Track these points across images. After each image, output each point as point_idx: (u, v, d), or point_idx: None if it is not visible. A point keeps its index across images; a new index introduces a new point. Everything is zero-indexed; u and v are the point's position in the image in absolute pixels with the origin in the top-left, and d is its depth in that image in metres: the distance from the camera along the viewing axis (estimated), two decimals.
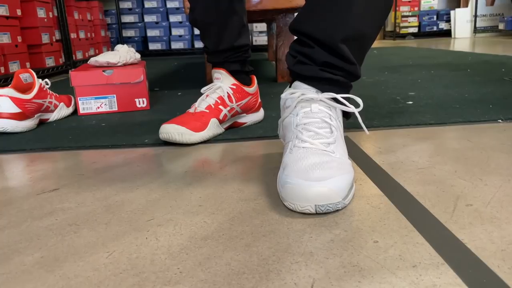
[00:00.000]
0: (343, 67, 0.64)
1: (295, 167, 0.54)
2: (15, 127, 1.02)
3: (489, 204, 0.53)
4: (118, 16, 3.97)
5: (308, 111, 0.62)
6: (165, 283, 0.39)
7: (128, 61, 1.34)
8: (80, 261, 0.44)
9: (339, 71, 0.64)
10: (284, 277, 0.39)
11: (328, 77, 0.64)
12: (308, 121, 0.61)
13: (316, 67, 0.64)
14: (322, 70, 0.64)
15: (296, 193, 0.51)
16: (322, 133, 0.60)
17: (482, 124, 0.91)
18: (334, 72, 0.64)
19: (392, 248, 0.43)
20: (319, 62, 0.64)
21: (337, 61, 0.63)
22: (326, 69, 0.64)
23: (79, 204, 0.59)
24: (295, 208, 0.52)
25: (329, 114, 0.62)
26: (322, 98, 0.62)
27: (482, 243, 0.44)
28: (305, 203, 0.51)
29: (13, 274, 0.42)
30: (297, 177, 0.52)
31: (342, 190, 0.52)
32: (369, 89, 1.43)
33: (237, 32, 0.94)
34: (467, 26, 4.83)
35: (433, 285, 0.37)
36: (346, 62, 0.64)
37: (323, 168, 0.53)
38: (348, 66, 0.64)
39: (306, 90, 0.64)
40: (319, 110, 0.62)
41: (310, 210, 0.51)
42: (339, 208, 0.52)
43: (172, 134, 0.84)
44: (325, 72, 0.64)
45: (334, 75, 0.64)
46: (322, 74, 0.64)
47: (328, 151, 0.57)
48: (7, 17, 2.10)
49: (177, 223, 0.52)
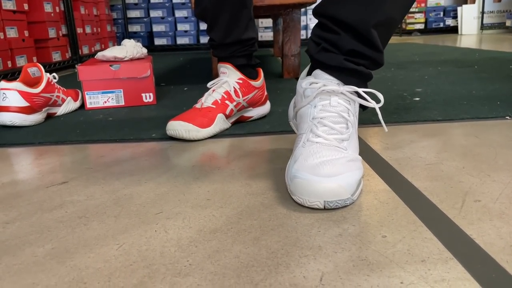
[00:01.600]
0: (370, 55, 0.62)
1: (306, 162, 0.54)
2: (23, 120, 1.03)
3: (498, 200, 0.53)
4: (124, 11, 3.97)
5: (326, 104, 0.60)
6: (175, 275, 0.40)
7: (135, 56, 1.34)
8: (91, 252, 0.44)
9: (364, 60, 0.62)
10: (293, 270, 0.40)
11: (352, 68, 0.61)
12: (325, 115, 0.60)
13: (341, 56, 0.61)
14: (346, 60, 0.61)
15: (305, 188, 0.51)
16: (338, 128, 0.59)
17: (490, 120, 0.90)
18: (359, 61, 0.62)
19: (400, 243, 0.44)
20: (345, 50, 0.61)
21: (364, 49, 0.61)
22: (351, 58, 0.61)
23: (88, 197, 0.60)
24: (304, 203, 0.52)
25: (347, 108, 0.61)
26: (343, 91, 0.60)
27: (490, 238, 0.44)
28: (314, 199, 0.51)
29: (25, 265, 0.43)
30: (307, 172, 0.52)
31: (351, 186, 0.52)
32: (376, 85, 1.42)
33: (244, 25, 0.93)
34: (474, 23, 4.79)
35: (442, 280, 0.37)
36: (374, 50, 0.62)
37: (333, 165, 0.53)
38: (375, 54, 0.62)
39: (327, 81, 0.61)
40: (338, 104, 0.60)
41: (318, 205, 0.51)
42: (347, 204, 0.52)
43: (179, 131, 0.84)
44: (349, 63, 0.61)
45: (358, 66, 0.62)
46: (346, 65, 0.61)
47: (340, 147, 0.57)
48: (14, 12, 2.11)
49: (185, 216, 0.52)
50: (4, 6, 2.02)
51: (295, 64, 1.71)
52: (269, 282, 0.38)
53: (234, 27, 0.93)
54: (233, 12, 0.92)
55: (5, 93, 1.02)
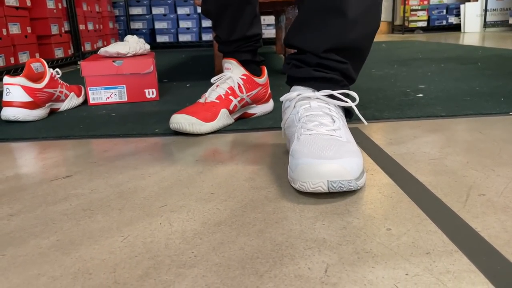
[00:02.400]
0: (335, 66, 0.67)
1: (306, 150, 0.55)
2: (26, 115, 1.03)
3: (502, 194, 0.52)
4: (126, 8, 3.97)
5: (308, 107, 0.64)
6: (180, 266, 0.40)
7: (138, 52, 1.34)
8: (96, 244, 0.45)
9: (332, 70, 0.67)
10: (297, 262, 0.40)
11: (322, 76, 0.67)
12: (310, 113, 0.63)
13: (310, 68, 0.68)
14: (315, 70, 0.67)
15: (307, 171, 0.51)
16: (326, 122, 0.61)
17: (494, 116, 0.90)
18: (327, 71, 0.67)
19: (405, 236, 0.44)
20: (312, 64, 0.68)
21: (329, 62, 0.67)
22: (319, 69, 0.67)
23: (92, 191, 0.60)
24: (307, 187, 0.52)
25: (328, 108, 0.63)
26: (319, 95, 0.64)
27: (495, 231, 0.44)
28: (316, 180, 0.51)
29: (30, 256, 0.43)
30: (309, 157, 0.53)
31: (354, 170, 0.52)
32: (379, 82, 1.42)
33: (249, 21, 0.94)
34: (477, 21, 4.78)
35: (447, 271, 0.37)
36: (338, 62, 0.67)
37: (335, 149, 0.53)
38: (340, 65, 0.67)
39: (302, 90, 0.67)
40: (318, 106, 0.64)
41: (322, 187, 0.51)
42: (351, 188, 0.51)
43: (183, 124, 0.84)
44: (318, 72, 0.67)
45: (327, 74, 0.67)
46: (315, 74, 0.67)
47: (336, 136, 0.58)
48: (17, 8, 2.11)
49: (190, 209, 0.52)
50: (7, 3, 2.02)
51: None
52: (274, 273, 0.38)
53: (239, 24, 0.93)
54: (238, 9, 0.92)
55: (8, 88, 1.02)
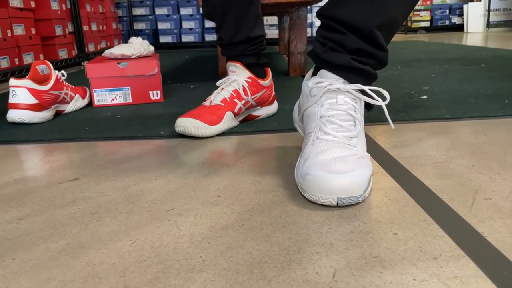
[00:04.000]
0: (376, 54, 0.63)
1: (317, 159, 0.55)
2: (32, 118, 1.04)
3: (508, 198, 0.53)
4: (129, 8, 3.98)
5: (333, 103, 0.61)
6: (189, 271, 0.40)
7: (142, 54, 1.34)
8: (105, 248, 0.45)
9: (370, 59, 0.63)
10: (305, 266, 0.40)
11: (358, 67, 0.62)
12: (333, 113, 0.60)
13: (348, 56, 0.63)
14: (353, 59, 0.62)
15: (318, 185, 0.52)
16: (346, 126, 0.60)
17: (499, 119, 0.90)
18: (365, 60, 0.63)
19: (412, 240, 0.44)
20: (351, 49, 0.63)
21: (370, 48, 0.62)
22: (357, 57, 0.63)
23: (99, 194, 0.60)
24: (316, 200, 0.52)
25: (354, 106, 0.61)
26: (349, 89, 0.61)
27: (502, 236, 0.44)
28: (327, 195, 0.51)
29: (40, 260, 0.43)
30: (319, 169, 0.53)
31: (363, 183, 0.52)
32: (383, 84, 1.42)
33: (253, 22, 0.94)
34: (480, 21, 4.77)
35: (455, 277, 0.37)
36: (379, 49, 0.63)
37: (345, 162, 0.53)
38: (380, 53, 0.63)
39: (333, 80, 0.62)
40: (345, 102, 0.61)
41: (331, 202, 0.51)
42: (359, 201, 0.52)
43: (188, 128, 0.85)
44: (356, 62, 0.62)
45: (364, 65, 0.63)
46: (353, 64, 0.62)
47: (350, 144, 0.58)
48: (21, 9, 2.12)
49: (197, 213, 0.52)
50: (12, 4, 2.03)
51: (301, 62, 1.71)
52: (282, 278, 0.38)
53: (242, 25, 0.93)
54: (241, 10, 0.92)
55: (14, 90, 1.03)
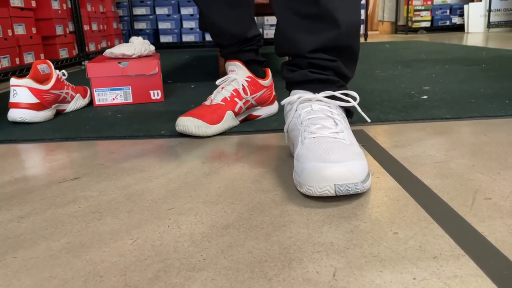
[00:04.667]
0: (326, 65, 0.67)
1: (310, 154, 0.55)
2: (33, 117, 1.04)
3: (508, 198, 0.53)
4: (130, 8, 3.98)
5: (309, 110, 0.64)
6: (190, 270, 0.40)
7: (143, 53, 1.35)
8: (106, 247, 0.45)
9: (326, 70, 0.68)
10: (306, 265, 0.40)
11: (317, 78, 0.67)
12: (312, 117, 0.63)
13: (305, 70, 0.68)
14: (310, 71, 0.68)
15: (314, 175, 0.52)
16: (329, 125, 0.61)
17: (499, 119, 0.90)
18: (322, 72, 0.68)
19: (412, 240, 0.44)
20: (305, 66, 0.68)
21: (321, 61, 0.67)
22: (314, 70, 0.68)
23: (100, 193, 0.60)
24: (314, 191, 0.52)
25: (330, 111, 0.64)
26: (319, 97, 0.65)
27: (502, 236, 0.44)
28: (323, 183, 0.51)
29: (41, 259, 0.43)
30: (314, 161, 0.53)
31: (360, 173, 0.52)
32: (383, 84, 1.42)
33: (248, 25, 0.96)
34: (481, 21, 4.76)
35: (455, 276, 0.38)
36: (328, 61, 0.67)
37: (339, 152, 0.54)
38: (331, 63, 0.67)
39: (303, 93, 0.67)
40: (320, 109, 0.64)
41: (329, 191, 0.51)
42: (358, 190, 0.52)
43: (189, 127, 0.85)
44: (314, 74, 0.67)
45: (322, 75, 0.67)
46: (311, 76, 0.67)
47: (339, 138, 0.58)
48: (22, 9, 2.12)
49: (197, 212, 0.53)
50: (12, 3, 2.03)
51: None
52: (282, 277, 0.39)
53: (238, 29, 0.94)
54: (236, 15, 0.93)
55: (15, 90, 1.03)
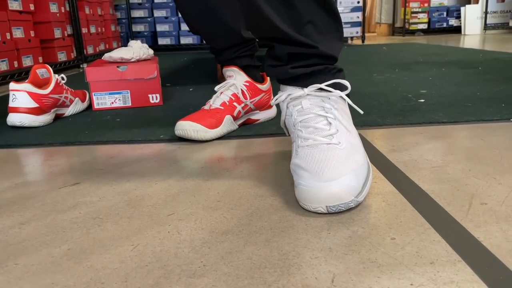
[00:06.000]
0: (308, 53, 0.63)
1: (305, 166, 0.56)
2: (32, 121, 1.04)
3: (504, 203, 0.53)
4: (128, 10, 3.98)
5: (300, 109, 0.63)
6: (190, 276, 0.41)
7: (142, 57, 1.35)
8: (106, 253, 0.46)
9: (308, 59, 0.64)
10: (304, 271, 0.41)
11: (302, 72, 0.63)
12: (304, 118, 0.61)
13: (286, 67, 0.64)
14: (292, 67, 0.64)
15: (306, 195, 0.53)
16: (321, 126, 0.59)
17: (495, 123, 0.91)
18: (304, 63, 0.64)
19: (409, 245, 0.45)
20: (285, 58, 0.65)
21: (298, 49, 0.63)
22: (295, 64, 0.64)
23: (100, 198, 0.61)
24: (308, 209, 0.53)
25: (322, 107, 0.62)
26: (308, 92, 0.62)
27: (497, 241, 0.45)
28: (316, 205, 0.52)
29: (42, 266, 0.44)
30: (308, 178, 0.54)
31: (354, 188, 0.52)
32: (380, 87, 1.43)
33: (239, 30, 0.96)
34: (478, 23, 4.79)
35: (451, 282, 0.38)
36: (309, 48, 0.63)
37: (332, 166, 0.53)
38: (312, 50, 0.63)
39: (291, 90, 0.64)
40: (310, 106, 0.62)
41: (322, 210, 0.52)
42: (351, 206, 0.52)
43: (188, 131, 0.85)
44: (296, 69, 0.64)
45: (307, 68, 0.63)
46: (293, 72, 0.64)
47: (333, 143, 0.57)
48: (20, 12, 2.12)
49: (197, 217, 0.53)
50: (11, 7, 2.04)
51: None
52: (282, 283, 0.39)
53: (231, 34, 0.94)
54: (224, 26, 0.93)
55: (14, 94, 1.04)
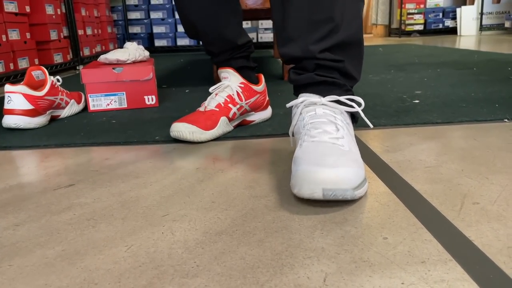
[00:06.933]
0: (333, 66, 0.68)
1: (306, 157, 0.56)
2: (28, 123, 1.04)
3: (496, 202, 0.54)
4: (125, 12, 3.98)
5: (313, 114, 0.65)
6: (183, 276, 0.41)
7: (137, 59, 1.35)
8: (100, 254, 0.46)
9: (332, 72, 0.68)
10: (297, 271, 0.41)
11: (323, 80, 0.68)
12: (315, 121, 0.64)
13: (311, 73, 0.69)
14: (317, 74, 0.68)
15: (305, 177, 0.53)
16: (329, 130, 0.62)
17: (489, 123, 0.92)
18: (328, 74, 0.68)
19: (401, 245, 0.45)
20: (312, 68, 0.69)
21: (327, 62, 0.68)
22: (320, 72, 0.68)
23: (95, 200, 0.61)
24: (303, 193, 0.53)
25: (334, 116, 0.64)
26: (325, 101, 0.65)
27: (488, 240, 0.45)
28: (312, 186, 0.52)
29: (36, 267, 0.44)
30: (308, 164, 0.54)
31: (352, 180, 0.53)
32: (376, 88, 1.44)
33: (237, 32, 0.97)
34: (473, 24, 4.81)
35: (442, 280, 0.39)
36: (334, 62, 0.68)
37: (333, 157, 0.55)
38: (337, 64, 0.68)
39: (308, 96, 0.68)
40: (324, 113, 0.64)
41: (318, 193, 0.52)
42: (347, 197, 0.53)
43: (183, 133, 0.85)
44: (320, 76, 0.68)
45: (328, 78, 0.68)
46: (318, 79, 0.68)
47: (338, 144, 0.59)
48: (16, 14, 2.12)
49: (191, 218, 0.53)
50: (6, 9, 2.03)
51: None
52: (274, 283, 0.39)
53: (227, 38, 0.95)
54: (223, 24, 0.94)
55: (10, 96, 1.03)
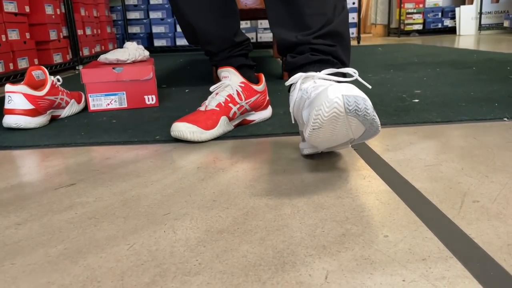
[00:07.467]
0: (326, 50, 0.74)
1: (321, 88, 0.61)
2: (28, 123, 1.04)
3: (496, 200, 0.54)
4: (124, 12, 3.98)
5: (312, 84, 0.68)
6: (186, 274, 0.41)
7: (137, 59, 1.35)
8: (102, 252, 0.46)
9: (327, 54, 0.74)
10: (299, 269, 0.41)
11: (319, 59, 0.74)
12: (316, 84, 0.67)
13: (307, 54, 0.74)
14: (312, 54, 0.74)
15: (322, 94, 0.55)
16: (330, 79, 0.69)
17: (488, 122, 0.92)
18: (323, 55, 0.74)
19: (402, 242, 0.45)
20: (307, 51, 0.75)
21: (321, 46, 0.74)
22: (315, 53, 0.74)
23: (96, 199, 0.61)
24: (323, 112, 0.54)
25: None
26: (321, 75, 0.69)
27: (489, 238, 0.45)
28: (332, 96, 0.53)
29: (39, 265, 0.44)
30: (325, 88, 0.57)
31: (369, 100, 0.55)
32: (375, 87, 1.44)
33: (235, 32, 0.98)
34: (472, 23, 4.82)
35: (443, 277, 0.39)
36: (328, 46, 0.74)
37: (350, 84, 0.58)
38: (330, 48, 0.74)
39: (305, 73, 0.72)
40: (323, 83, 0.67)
41: (338, 103, 0.53)
42: (368, 109, 0.54)
43: (184, 133, 0.86)
44: (315, 56, 0.74)
45: (324, 56, 0.74)
46: (313, 58, 0.74)
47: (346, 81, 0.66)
48: (16, 14, 2.12)
49: (193, 217, 0.54)
50: (6, 9, 2.03)
51: None
52: (276, 281, 0.40)
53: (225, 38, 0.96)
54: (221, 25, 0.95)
55: (10, 96, 1.04)
